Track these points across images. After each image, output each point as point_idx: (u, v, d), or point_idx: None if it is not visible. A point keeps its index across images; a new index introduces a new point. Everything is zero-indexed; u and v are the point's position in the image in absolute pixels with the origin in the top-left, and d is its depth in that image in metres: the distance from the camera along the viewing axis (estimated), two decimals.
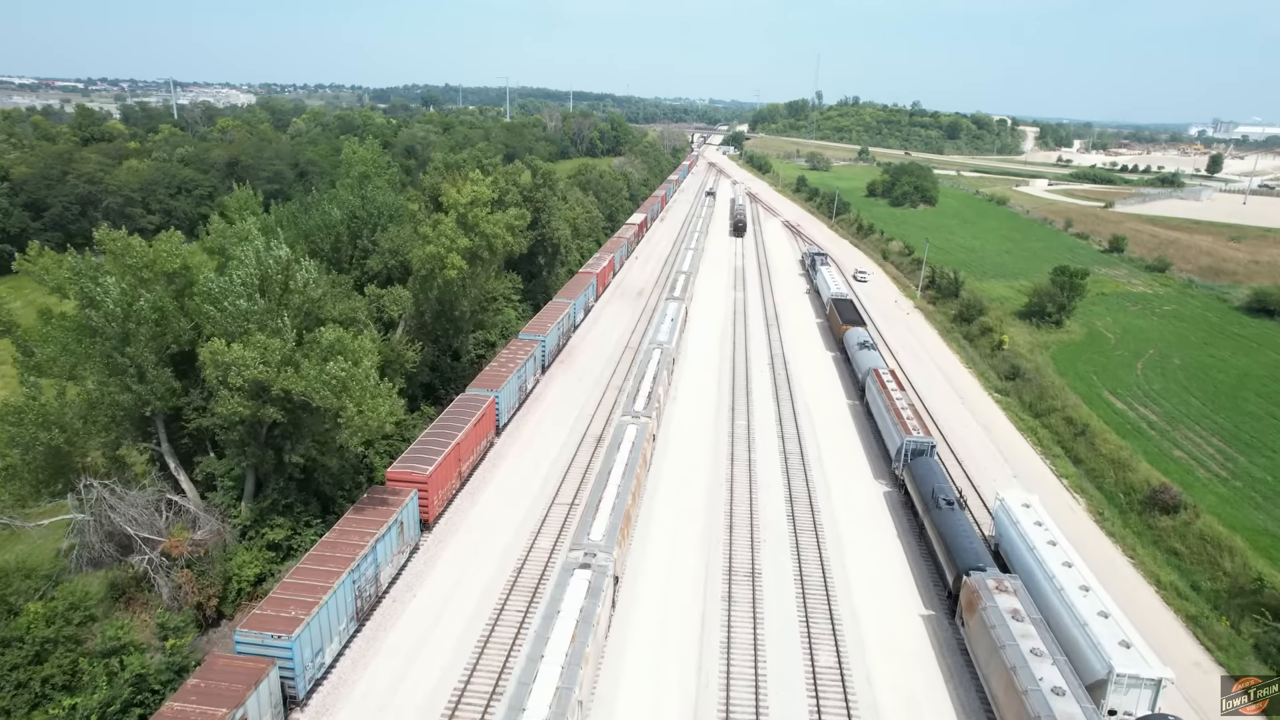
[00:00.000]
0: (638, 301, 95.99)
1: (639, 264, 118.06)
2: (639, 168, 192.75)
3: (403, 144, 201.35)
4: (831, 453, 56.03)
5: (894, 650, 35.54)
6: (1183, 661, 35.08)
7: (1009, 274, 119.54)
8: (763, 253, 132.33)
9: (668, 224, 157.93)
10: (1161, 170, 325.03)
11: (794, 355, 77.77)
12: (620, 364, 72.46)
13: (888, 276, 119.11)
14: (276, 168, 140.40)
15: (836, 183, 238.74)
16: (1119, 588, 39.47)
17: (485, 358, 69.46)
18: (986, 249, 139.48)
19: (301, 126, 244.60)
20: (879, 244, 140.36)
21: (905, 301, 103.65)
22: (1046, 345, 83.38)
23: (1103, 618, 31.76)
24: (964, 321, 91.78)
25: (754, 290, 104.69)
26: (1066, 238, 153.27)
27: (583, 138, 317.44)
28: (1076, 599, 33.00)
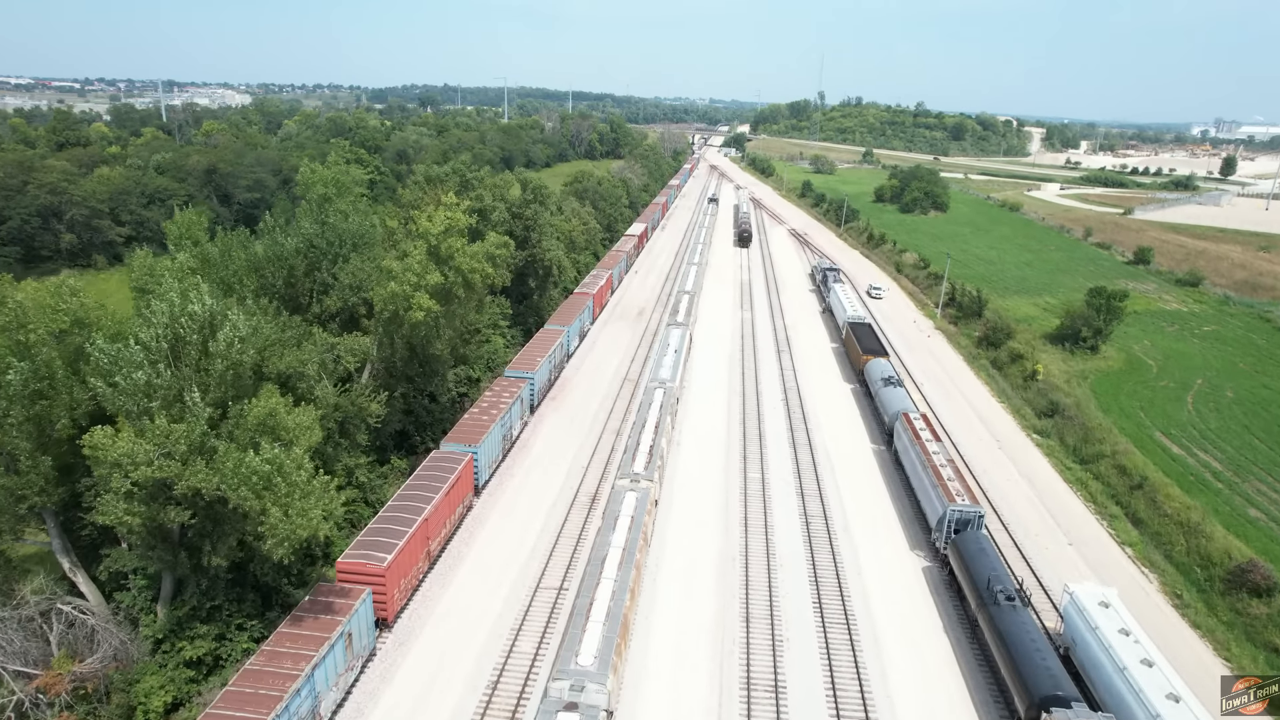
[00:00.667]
0: (638, 323, 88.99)
1: (639, 279, 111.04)
2: (639, 173, 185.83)
3: (395, 148, 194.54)
4: (859, 514, 49.02)
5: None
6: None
7: (1032, 289, 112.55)
8: (770, 265, 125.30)
9: (669, 233, 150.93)
10: (1173, 173, 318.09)
11: (809, 388, 70.75)
12: (618, 401, 65.47)
13: (903, 292, 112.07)
14: (257, 175, 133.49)
15: (842, 187, 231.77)
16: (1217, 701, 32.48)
17: (468, 396, 62.52)
18: (1005, 260, 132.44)
19: (293, 129, 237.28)
20: (891, 255, 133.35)
21: (925, 322, 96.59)
22: (1083, 375, 76.36)
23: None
24: (990, 346, 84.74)
25: (762, 309, 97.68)
26: (1087, 247, 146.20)
27: (581, 140, 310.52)
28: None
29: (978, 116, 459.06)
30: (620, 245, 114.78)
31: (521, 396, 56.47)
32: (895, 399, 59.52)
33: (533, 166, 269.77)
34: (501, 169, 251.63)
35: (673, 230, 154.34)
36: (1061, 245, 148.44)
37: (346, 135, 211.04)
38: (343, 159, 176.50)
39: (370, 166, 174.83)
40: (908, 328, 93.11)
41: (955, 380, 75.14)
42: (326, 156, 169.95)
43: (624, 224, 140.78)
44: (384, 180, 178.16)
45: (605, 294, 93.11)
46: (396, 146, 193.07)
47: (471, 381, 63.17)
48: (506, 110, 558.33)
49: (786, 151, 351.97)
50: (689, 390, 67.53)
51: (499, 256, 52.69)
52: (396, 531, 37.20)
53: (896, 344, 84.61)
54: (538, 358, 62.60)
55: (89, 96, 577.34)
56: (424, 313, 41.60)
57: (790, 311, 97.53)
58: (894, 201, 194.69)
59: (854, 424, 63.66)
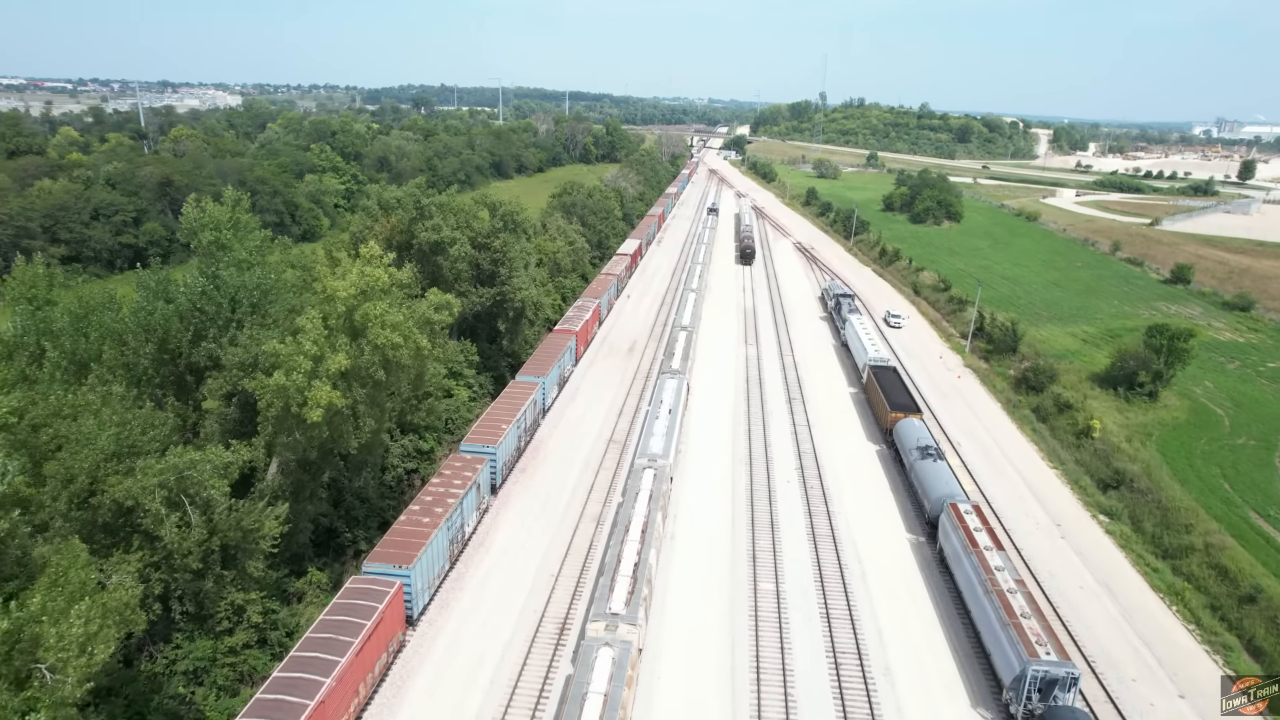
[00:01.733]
0: (628, 362, 78.23)
1: (631, 306, 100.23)
2: (634, 181, 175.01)
3: (376, 155, 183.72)
4: (903, 653, 38.16)
5: None
6: None
7: (1065, 314, 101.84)
8: (775, 286, 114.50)
9: (666, 248, 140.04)
10: (1188, 177, 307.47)
11: (829, 451, 59.94)
12: (601, 471, 54.74)
13: (924, 319, 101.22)
14: (216, 188, 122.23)
15: (848, 193, 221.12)
16: None
17: (418, 473, 51.80)
18: (1030, 280, 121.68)
19: (277, 132, 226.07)
20: (907, 274, 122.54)
21: (952, 357, 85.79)
22: (1145, 429, 65.62)
23: None
24: (1031, 389, 73.98)
25: (769, 343, 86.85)
26: (1117, 264, 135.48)
27: (576, 143, 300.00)
28: None
29: (983, 118, 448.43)
30: (610, 267, 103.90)
31: (479, 481, 45.70)
32: (937, 479, 48.83)
33: (524, 172, 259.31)
34: (491, 175, 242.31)
35: (670, 244, 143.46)
36: (1088, 261, 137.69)
37: (329, 139, 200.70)
38: (323, 165, 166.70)
39: (346, 175, 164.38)
40: (934, 365, 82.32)
41: (997, 438, 64.30)
42: (305, 172, 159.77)
43: (617, 239, 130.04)
44: (362, 190, 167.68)
45: (591, 327, 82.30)
46: (378, 152, 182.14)
47: (423, 455, 52.43)
48: (502, 111, 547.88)
49: (788, 154, 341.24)
50: (686, 459, 56.77)
51: (437, 322, 41.72)
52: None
53: (925, 389, 73.83)
54: (503, 424, 51.79)
55: (80, 97, 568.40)
56: (322, 411, 30.85)
57: (801, 345, 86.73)
58: (904, 211, 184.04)
59: (884, 503, 52.90)
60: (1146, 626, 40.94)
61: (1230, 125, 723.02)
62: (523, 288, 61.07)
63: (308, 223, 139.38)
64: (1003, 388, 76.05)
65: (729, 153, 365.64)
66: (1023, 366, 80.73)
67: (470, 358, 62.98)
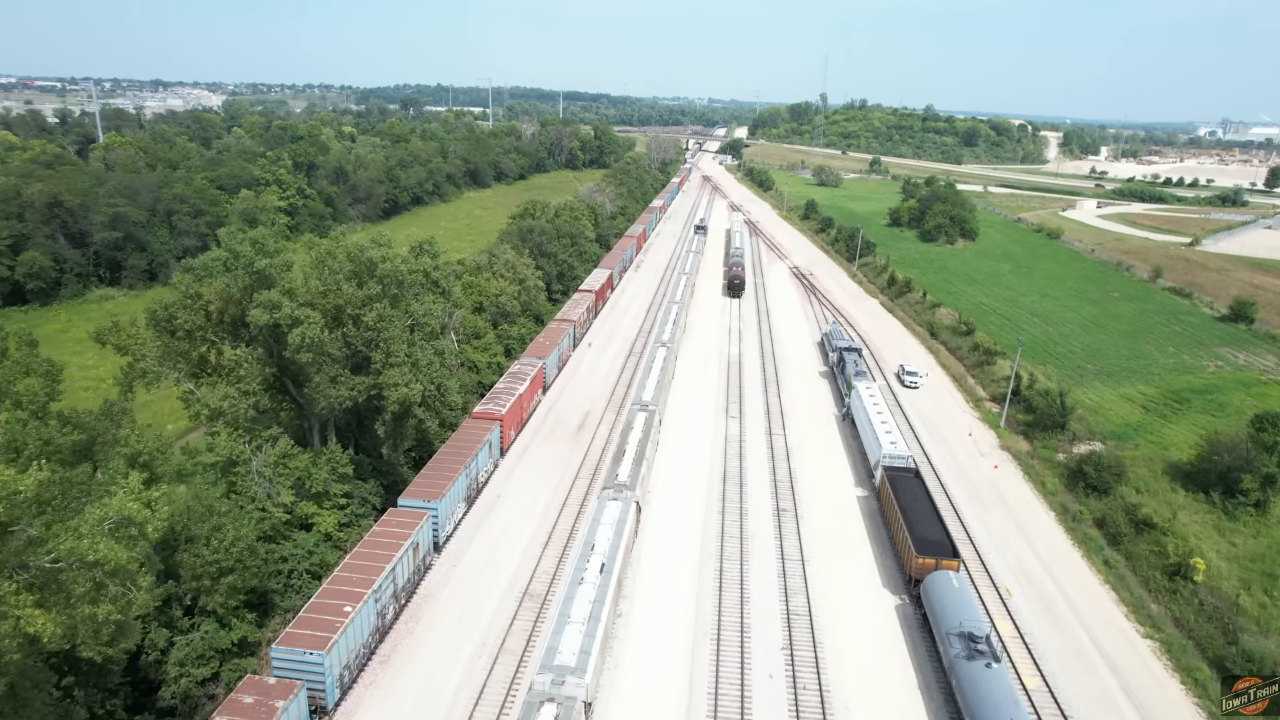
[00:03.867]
0: (574, 447, 61.17)
1: (592, 357, 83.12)
2: (613, 195, 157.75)
3: (332, 165, 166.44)
4: None
5: None
6: None
7: (1112, 366, 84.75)
8: (767, 326, 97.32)
9: (644, 277, 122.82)
10: (1212, 184, 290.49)
11: (829, 615, 42.65)
12: (498, 664, 37.66)
13: (944, 373, 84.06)
14: (118, 209, 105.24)
15: (851, 205, 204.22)
16: None
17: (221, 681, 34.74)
18: (1063, 317, 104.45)
19: (241, 138, 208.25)
20: (921, 310, 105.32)
21: (984, 433, 68.56)
22: (1260, 563, 48.43)
23: None
24: (1091, 489, 56.89)
25: (755, 414, 69.61)
26: (1160, 294, 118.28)
27: (562, 148, 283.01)
28: None
29: (990, 120, 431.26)
30: (568, 310, 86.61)
31: None
32: (994, 686, 31.89)
33: (504, 180, 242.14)
34: (466, 184, 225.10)
35: (649, 272, 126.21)
36: (1127, 291, 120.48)
37: (291, 144, 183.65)
38: (266, 178, 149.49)
39: (291, 189, 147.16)
40: (963, 449, 65.12)
41: (1059, 580, 47.10)
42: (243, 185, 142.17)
43: (588, 265, 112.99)
44: (311, 205, 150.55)
45: (529, 401, 65.11)
46: (334, 163, 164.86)
47: (225, 654, 35.21)
48: (492, 112, 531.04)
49: (787, 159, 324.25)
50: (624, 648, 39.66)
51: (151, 533, 24.22)
52: None
53: (957, 493, 56.70)
54: (340, 614, 34.55)
55: (68, 97, 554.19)
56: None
57: (796, 417, 69.54)
58: (913, 226, 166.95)
59: (912, 706, 35.81)
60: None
61: (1235, 126, 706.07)
62: (398, 384, 43.71)
63: None
64: (1054, 485, 58.85)
65: (725, 157, 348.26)
66: (1075, 451, 63.68)
67: (339, 469, 45.80)
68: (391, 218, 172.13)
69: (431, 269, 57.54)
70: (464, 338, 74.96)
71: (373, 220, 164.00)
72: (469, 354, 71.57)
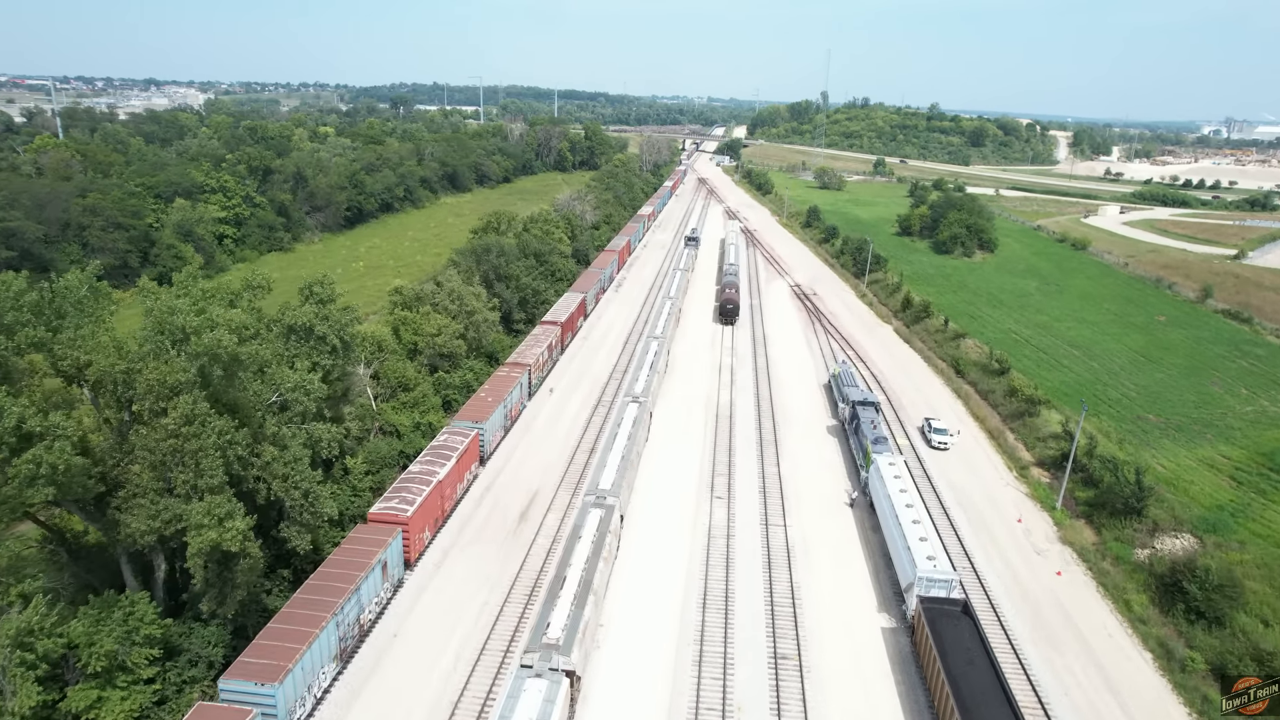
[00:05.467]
0: (508, 555, 46.90)
1: (551, 408, 68.73)
2: (593, 203, 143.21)
3: (290, 170, 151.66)
4: None
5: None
6: None
7: (1177, 414, 70.52)
8: (764, 364, 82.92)
9: (625, 297, 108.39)
10: (1235, 186, 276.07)
11: None
12: None
13: (976, 424, 69.60)
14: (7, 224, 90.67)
15: (856, 210, 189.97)
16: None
17: None
18: (1107, 348, 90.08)
19: (205, 140, 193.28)
20: (943, 341, 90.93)
21: (1038, 518, 54.11)
22: None
23: None
24: (1195, 614, 42.54)
25: (749, 494, 55.21)
26: (1212, 318, 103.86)
27: (550, 149, 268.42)
28: None
29: (997, 119, 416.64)
30: (524, 350, 72.01)
31: None
32: None
33: (486, 183, 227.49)
34: (444, 188, 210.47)
35: (632, 292, 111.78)
36: (1173, 314, 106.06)
37: (264, 143, 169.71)
38: (210, 185, 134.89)
39: (236, 197, 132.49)
40: (1014, 544, 50.75)
41: None
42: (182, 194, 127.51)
43: (560, 287, 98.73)
44: (261, 216, 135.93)
45: (453, 487, 50.66)
46: (293, 166, 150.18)
47: None
48: (484, 111, 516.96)
49: (787, 160, 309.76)
50: None
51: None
52: None
53: (1013, 621, 42.27)
54: None
55: (58, 95, 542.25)
56: None
57: (799, 498, 55.15)
58: (925, 235, 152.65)
59: None
60: None
61: (1239, 125, 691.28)
62: (202, 524, 29.08)
63: (167, 262, 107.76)
64: (1141, 605, 44.38)
65: (723, 158, 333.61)
66: (1158, 546, 49.42)
67: (143, 627, 31.40)
68: (356, 226, 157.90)
69: (312, 321, 43.13)
70: (387, 392, 60.67)
71: (333, 231, 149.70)
72: (389, 416, 57.16)
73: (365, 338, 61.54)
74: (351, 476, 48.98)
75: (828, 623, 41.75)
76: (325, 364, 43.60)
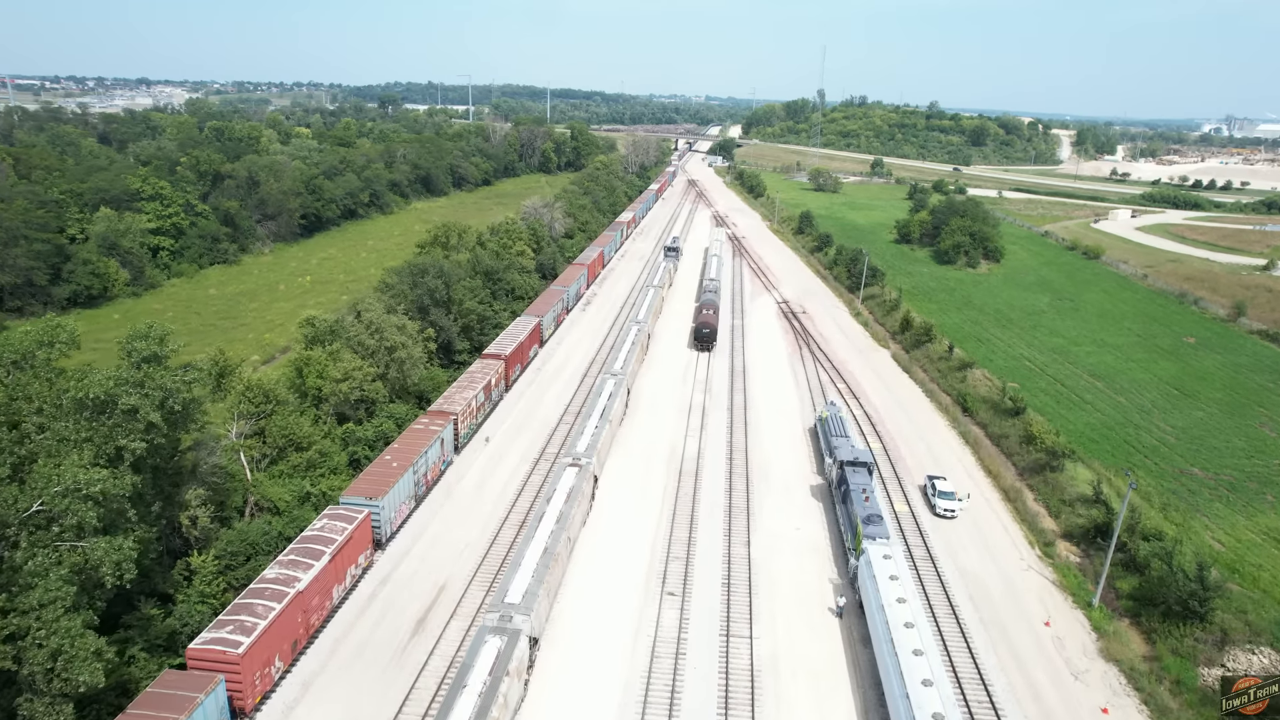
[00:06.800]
0: (385, 693, 35.99)
1: (483, 465, 57.74)
2: (564, 210, 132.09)
3: (243, 174, 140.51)
4: None
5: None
6: None
7: (1227, 466, 59.72)
8: (741, 402, 71.94)
9: (592, 319, 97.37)
10: (1247, 186, 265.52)
11: None
12: None
13: (989, 482, 58.65)
14: None
15: (852, 215, 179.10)
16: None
17: None
18: (1134, 377, 79.27)
19: (163, 143, 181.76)
20: (946, 370, 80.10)
21: (1069, 619, 43.08)
22: None
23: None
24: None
25: (710, 585, 44.29)
26: (1248, 340, 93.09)
27: (533, 150, 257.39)
28: None
29: (998, 118, 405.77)
30: (452, 396, 60.79)
31: None
32: None
33: (464, 186, 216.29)
34: (417, 193, 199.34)
35: (602, 310, 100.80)
36: (1202, 334, 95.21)
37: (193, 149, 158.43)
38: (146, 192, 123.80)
39: (174, 205, 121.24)
40: (1040, 662, 39.82)
41: None
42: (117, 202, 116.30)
43: (521, 304, 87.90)
44: (203, 226, 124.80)
45: (321, 599, 39.62)
46: (245, 171, 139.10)
47: None
48: (473, 111, 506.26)
49: (782, 160, 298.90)
50: None
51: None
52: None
53: None
54: None
55: (45, 95, 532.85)
56: None
57: (773, 593, 44.23)
58: (926, 243, 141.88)
59: None
60: None
61: (1240, 123, 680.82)
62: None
63: (82, 280, 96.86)
64: None
65: (715, 159, 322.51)
66: (1232, 664, 38.57)
67: None
68: (315, 234, 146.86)
69: (116, 392, 32.20)
70: (274, 452, 49.73)
71: (287, 240, 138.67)
72: (265, 488, 46.16)
73: (253, 386, 50.83)
74: (197, 582, 38.09)
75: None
76: (136, 448, 32.60)
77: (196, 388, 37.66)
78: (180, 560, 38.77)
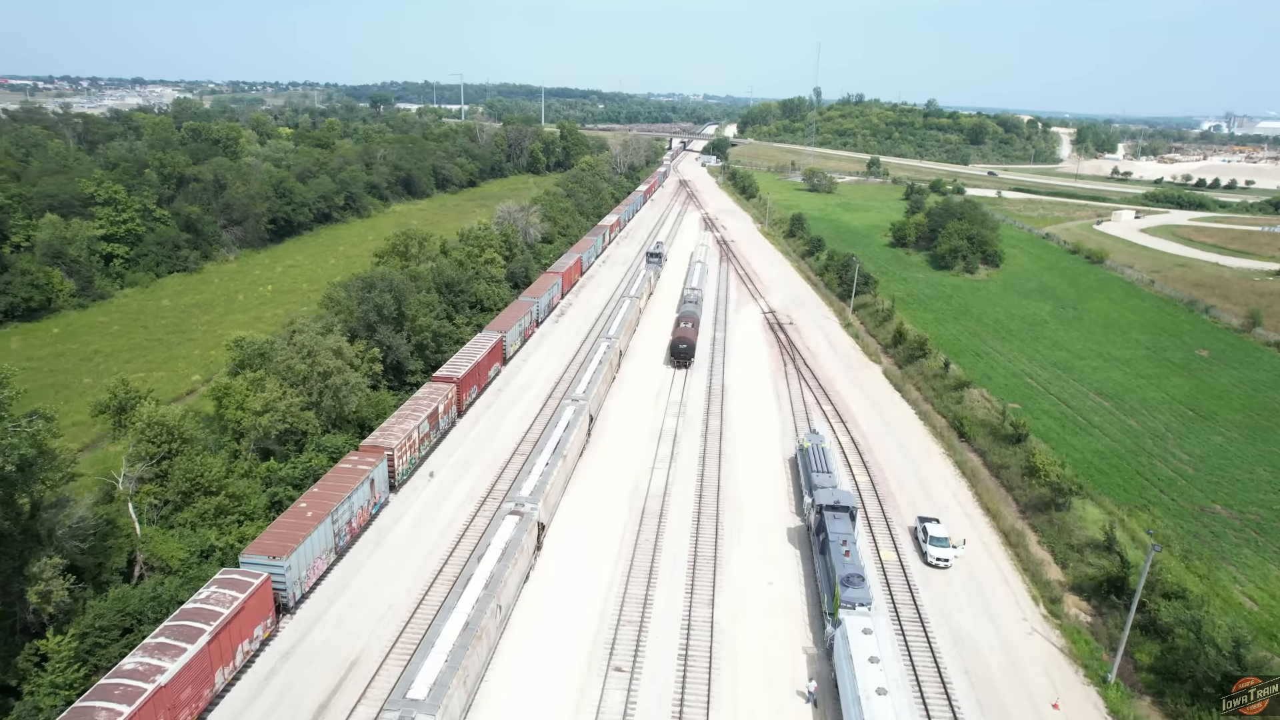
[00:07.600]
0: None
1: (423, 505, 51.75)
2: (540, 214, 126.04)
3: (210, 176, 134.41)
4: None
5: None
6: None
7: (1252, 503, 53.81)
8: (718, 427, 65.95)
9: (563, 332, 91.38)
10: (1252, 185, 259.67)
11: None
12: None
13: (988, 523, 52.71)
14: None
15: (846, 217, 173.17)
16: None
17: None
18: (1145, 395, 73.35)
19: (136, 145, 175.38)
20: (941, 390, 74.14)
21: (1085, 704, 37.10)
22: None
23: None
24: None
25: (664, 660, 38.37)
26: (1266, 352, 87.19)
27: (521, 150, 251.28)
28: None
29: (997, 116, 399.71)
30: (390, 428, 54.73)
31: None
32: None
33: (447, 188, 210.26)
34: (398, 195, 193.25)
35: (572, 326, 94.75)
36: (1215, 346, 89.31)
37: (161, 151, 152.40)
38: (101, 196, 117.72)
39: (129, 211, 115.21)
40: None
41: None
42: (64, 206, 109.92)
43: (488, 317, 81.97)
44: (162, 230, 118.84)
45: (198, 689, 33.62)
46: (211, 174, 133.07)
47: None
48: (465, 110, 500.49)
49: (777, 160, 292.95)
50: None
51: None
52: None
53: None
54: None
55: (37, 95, 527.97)
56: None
57: (735, 672, 38.31)
58: (922, 247, 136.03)
59: None
60: None
61: (1240, 121, 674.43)
62: None
63: (20, 292, 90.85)
64: None
65: (709, 158, 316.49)
66: None
67: None
68: (285, 240, 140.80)
69: None
70: (179, 499, 43.77)
71: (255, 246, 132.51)
72: (156, 544, 40.16)
73: (154, 422, 44.84)
74: (49, 669, 32.13)
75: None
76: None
77: (45, 439, 31.64)
78: (30, 643, 32.81)
